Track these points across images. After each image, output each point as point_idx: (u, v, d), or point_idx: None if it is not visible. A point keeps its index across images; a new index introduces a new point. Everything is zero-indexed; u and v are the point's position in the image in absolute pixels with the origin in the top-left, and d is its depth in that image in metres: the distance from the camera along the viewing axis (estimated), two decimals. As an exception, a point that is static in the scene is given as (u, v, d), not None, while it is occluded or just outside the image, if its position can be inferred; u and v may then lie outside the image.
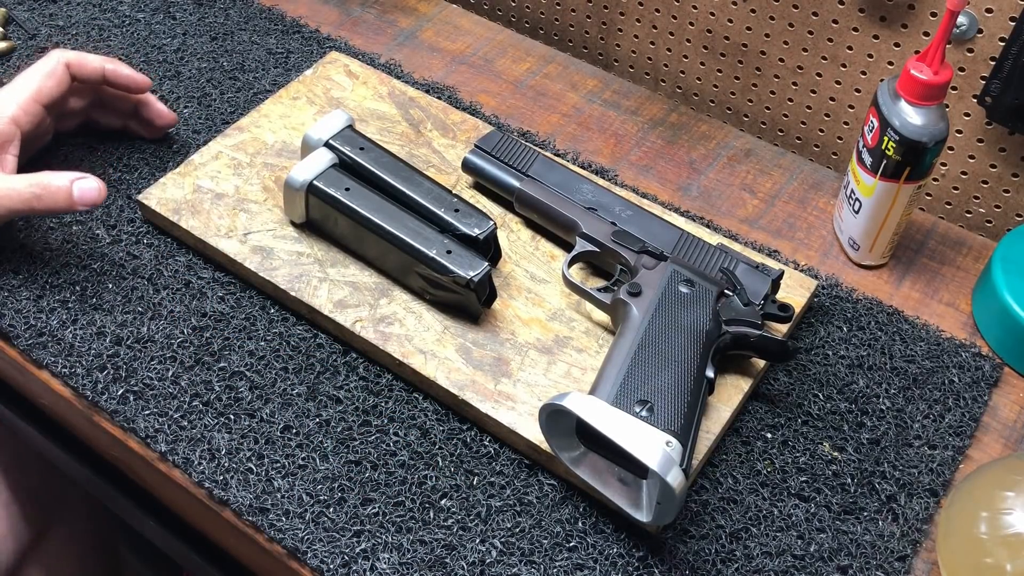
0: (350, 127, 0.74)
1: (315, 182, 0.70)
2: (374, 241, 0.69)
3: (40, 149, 0.78)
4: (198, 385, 0.66)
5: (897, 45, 0.77)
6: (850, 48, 0.79)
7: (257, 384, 0.66)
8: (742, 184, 0.81)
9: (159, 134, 0.81)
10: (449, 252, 0.66)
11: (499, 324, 0.68)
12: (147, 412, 0.65)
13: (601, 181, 0.77)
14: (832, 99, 0.83)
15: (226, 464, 0.62)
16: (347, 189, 0.70)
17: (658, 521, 0.57)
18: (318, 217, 0.71)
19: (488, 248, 0.69)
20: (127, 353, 0.68)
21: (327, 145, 0.72)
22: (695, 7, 0.85)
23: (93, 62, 0.75)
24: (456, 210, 0.69)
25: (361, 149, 0.73)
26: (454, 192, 0.71)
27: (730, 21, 0.84)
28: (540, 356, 0.66)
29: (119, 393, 0.66)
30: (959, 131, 0.77)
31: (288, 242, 0.72)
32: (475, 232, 0.68)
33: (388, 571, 0.58)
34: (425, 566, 0.58)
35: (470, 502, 0.61)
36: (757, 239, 0.77)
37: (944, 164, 0.79)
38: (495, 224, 0.69)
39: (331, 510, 0.61)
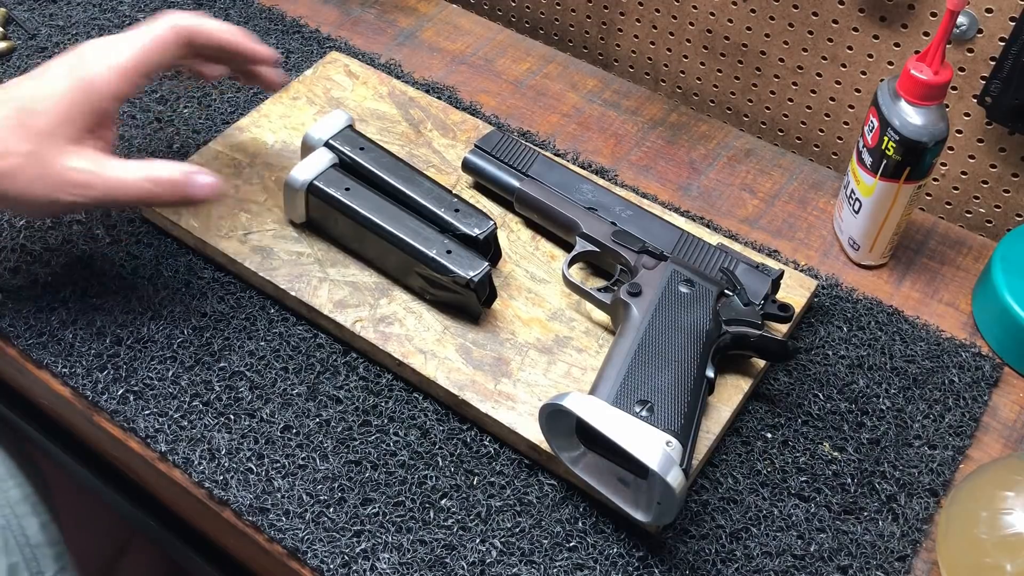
0: (350, 127, 0.74)
1: (315, 182, 0.70)
2: (374, 241, 0.69)
3: None
4: (198, 385, 0.66)
5: (897, 45, 0.77)
6: (850, 48, 0.79)
7: (257, 384, 0.66)
8: (742, 184, 0.81)
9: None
10: (449, 252, 0.66)
11: (499, 324, 0.68)
12: (147, 412, 0.65)
13: (601, 181, 0.77)
14: (832, 99, 0.83)
15: (226, 464, 0.62)
16: (347, 189, 0.70)
17: (658, 521, 0.57)
18: (318, 217, 0.71)
19: (488, 248, 0.69)
20: (127, 353, 0.68)
21: (327, 145, 0.72)
22: (695, 7, 0.85)
23: (213, 36, 0.66)
24: (456, 210, 0.69)
25: (361, 149, 0.73)
26: (454, 192, 0.71)
27: (730, 21, 0.84)
28: (540, 356, 0.66)
29: (119, 393, 0.66)
30: (959, 131, 0.77)
31: (288, 242, 0.72)
32: (475, 232, 0.68)
33: (388, 571, 0.58)
34: (425, 566, 0.58)
35: (470, 502, 0.61)
36: (757, 239, 0.77)
37: (944, 164, 0.79)
38: (495, 224, 0.69)
39: (331, 510, 0.61)
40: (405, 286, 0.70)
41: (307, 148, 0.73)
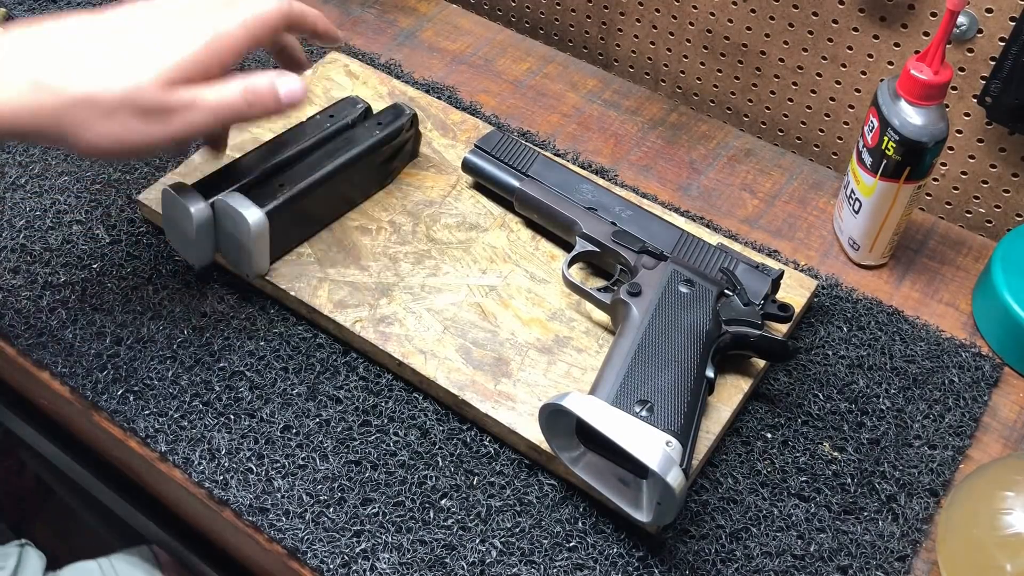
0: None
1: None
2: (322, 194, 0.71)
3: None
4: (198, 385, 0.66)
5: (897, 45, 0.77)
6: (850, 48, 0.79)
7: (257, 384, 0.66)
8: (742, 184, 0.81)
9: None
10: (380, 125, 0.73)
11: (499, 324, 0.68)
12: (147, 412, 0.65)
13: (601, 181, 0.77)
14: (832, 99, 0.83)
15: (226, 464, 0.62)
16: (249, 192, 0.67)
17: (658, 521, 0.57)
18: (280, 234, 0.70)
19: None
20: (127, 353, 0.68)
21: (198, 190, 0.67)
22: (695, 7, 0.85)
23: (308, 21, 0.63)
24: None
25: (230, 166, 0.70)
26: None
27: (730, 21, 0.84)
28: (540, 356, 0.66)
29: (119, 393, 0.66)
30: (959, 131, 0.77)
31: (288, 242, 0.72)
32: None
33: (388, 571, 0.58)
34: (425, 566, 0.59)
35: (470, 502, 0.61)
36: (757, 239, 0.77)
37: (944, 164, 0.79)
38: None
39: (331, 510, 0.61)
40: (376, 198, 0.75)
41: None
